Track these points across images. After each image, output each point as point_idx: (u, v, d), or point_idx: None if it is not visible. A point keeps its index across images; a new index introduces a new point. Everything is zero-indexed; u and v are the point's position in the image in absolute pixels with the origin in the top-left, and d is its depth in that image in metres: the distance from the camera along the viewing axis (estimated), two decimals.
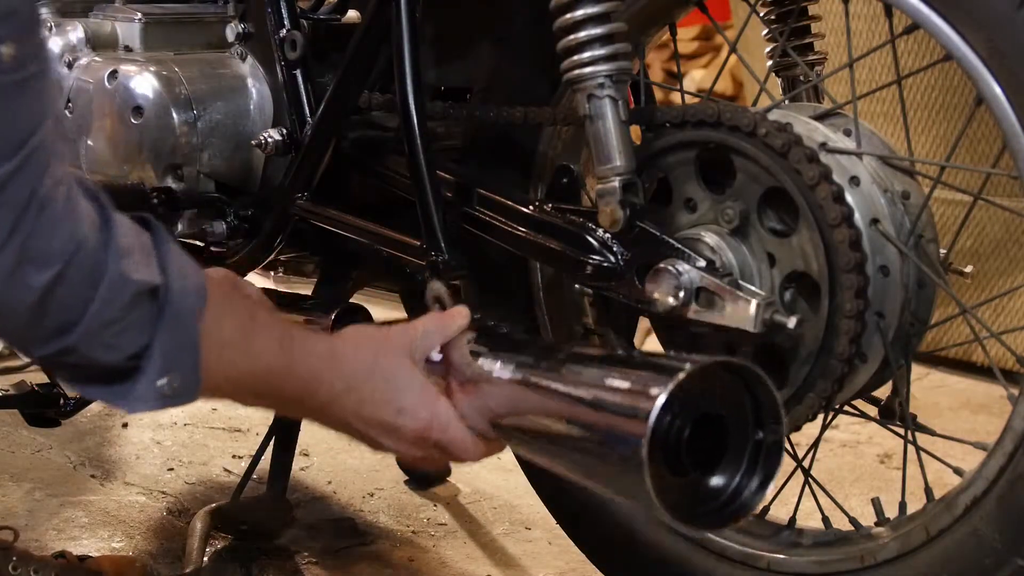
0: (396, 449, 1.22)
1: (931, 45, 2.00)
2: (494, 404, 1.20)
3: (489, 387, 1.20)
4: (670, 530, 1.56)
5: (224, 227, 1.75)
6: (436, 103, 1.60)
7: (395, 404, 1.18)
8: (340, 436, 1.24)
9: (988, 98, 1.24)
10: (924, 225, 1.36)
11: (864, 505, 1.51)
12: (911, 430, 1.41)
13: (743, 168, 1.36)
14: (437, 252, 1.50)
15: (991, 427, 2.40)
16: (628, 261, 1.40)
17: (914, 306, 1.35)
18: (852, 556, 1.40)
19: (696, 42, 4.75)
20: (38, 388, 1.95)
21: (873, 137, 1.39)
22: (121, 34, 1.85)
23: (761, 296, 1.31)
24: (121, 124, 1.75)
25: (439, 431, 1.19)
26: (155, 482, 2.16)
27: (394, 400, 1.18)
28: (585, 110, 1.39)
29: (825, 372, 1.31)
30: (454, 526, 2.03)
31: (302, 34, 1.70)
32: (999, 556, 1.27)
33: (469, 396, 1.20)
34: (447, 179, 1.56)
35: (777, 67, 1.58)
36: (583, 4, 1.37)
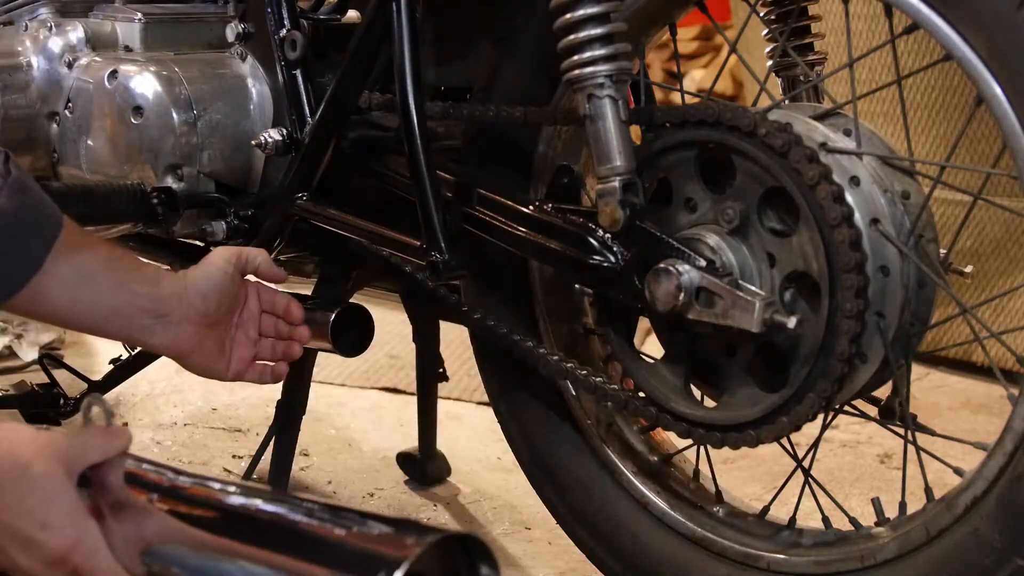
0: (28, 568, 1.06)
1: (931, 45, 2.00)
2: (150, 535, 1.09)
3: (145, 517, 1.10)
4: (670, 530, 1.56)
5: (224, 227, 1.75)
6: (436, 103, 1.60)
7: (39, 517, 1.04)
8: (341, 436, 1.23)
9: (988, 98, 1.24)
10: (924, 225, 1.36)
11: (864, 505, 1.51)
12: (911, 430, 1.41)
13: (743, 168, 1.36)
14: (437, 252, 1.50)
15: (991, 427, 2.40)
16: (628, 261, 1.40)
17: (914, 306, 1.35)
18: (852, 556, 1.40)
19: (696, 42, 4.76)
20: (38, 388, 1.95)
21: (873, 137, 1.39)
22: (121, 34, 1.85)
23: (761, 296, 1.31)
24: (121, 124, 1.75)
25: (83, 556, 1.05)
26: None
27: (39, 512, 1.04)
28: (585, 110, 1.39)
29: (825, 372, 1.31)
30: (454, 526, 2.03)
31: (302, 34, 1.70)
32: (999, 556, 1.28)
33: (122, 524, 1.09)
34: (447, 179, 1.56)
35: (777, 67, 1.58)
36: (583, 4, 1.37)
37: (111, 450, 1.09)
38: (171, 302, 1.39)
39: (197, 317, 1.41)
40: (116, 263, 1.38)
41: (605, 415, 1.63)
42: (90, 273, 1.36)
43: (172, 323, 1.40)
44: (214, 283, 1.42)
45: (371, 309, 1.70)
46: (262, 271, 1.47)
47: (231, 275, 1.43)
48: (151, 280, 1.40)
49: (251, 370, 1.49)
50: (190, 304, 1.40)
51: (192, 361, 1.44)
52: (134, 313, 1.38)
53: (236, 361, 1.47)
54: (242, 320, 1.47)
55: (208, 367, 1.45)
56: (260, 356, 1.49)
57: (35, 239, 1.32)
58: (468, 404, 2.57)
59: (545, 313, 1.65)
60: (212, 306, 1.41)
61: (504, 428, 1.73)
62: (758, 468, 2.21)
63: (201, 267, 1.44)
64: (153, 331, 1.39)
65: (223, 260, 1.44)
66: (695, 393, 1.47)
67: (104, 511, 1.09)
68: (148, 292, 1.38)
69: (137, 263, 1.42)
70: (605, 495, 1.62)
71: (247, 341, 1.47)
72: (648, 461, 1.62)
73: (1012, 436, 1.27)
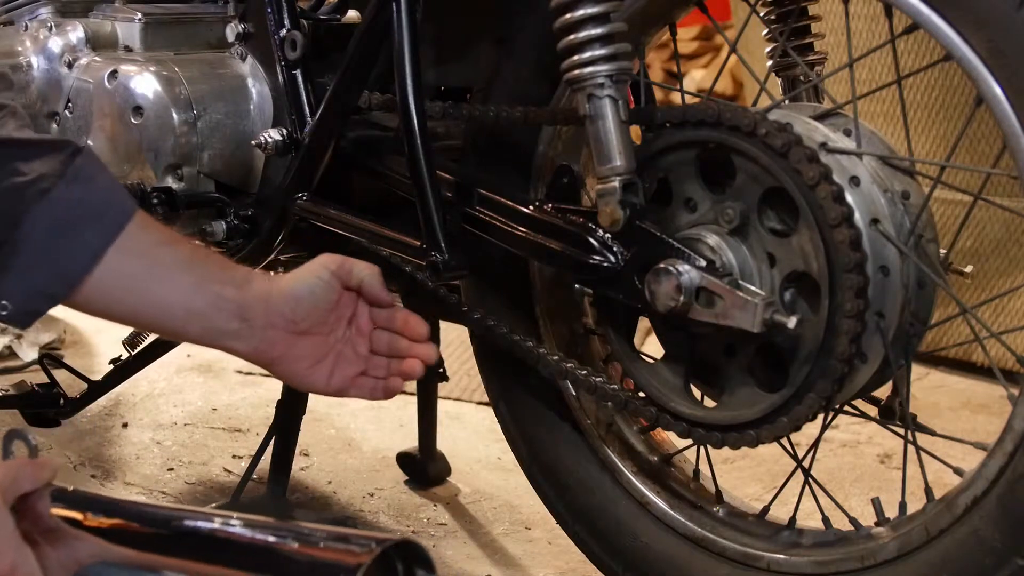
0: None
1: (931, 45, 2.00)
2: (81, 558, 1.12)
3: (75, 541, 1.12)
4: (670, 530, 1.56)
5: (224, 227, 1.75)
6: (436, 103, 1.60)
7: None
8: (340, 436, 1.23)
9: (988, 98, 1.24)
10: (924, 225, 1.36)
11: (864, 505, 1.51)
12: (911, 430, 1.41)
13: (743, 168, 1.36)
14: (437, 252, 1.50)
15: (991, 427, 2.40)
16: (628, 261, 1.40)
17: (914, 306, 1.35)
18: (852, 556, 1.40)
19: (696, 42, 4.76)
20: (38, 388, 1.95)
21: (873, 137, 1.39)
22: (121, 34, 1.85)
23: (761, 296, 1.31)
24: (121, 124, 1.75)
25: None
26: (155, 482, 2.16)
27: None
28: (585, 110, 1.39)
29: (825, 372, 1.31)
30: (454, 526, 2.03)
31: (302, 34, 1.70)
32: (999, 556, 1.28)
33: (54, 549, 1.11)
34: (447, 179, 1.56)
35: (777, 67, 1.58)
36: (583, 4, 1.37)
37: (39, 480, 1.10)
38: (257, 306, 1.32)
39: (283, 323, 1.33)
40: (198, 262, 1.32)
41: (605, 415, 1.63)
42: (167, 270, 1.31)
43: (256, 328, 1.33)
44: (306, 289, 1.35)
45: None
46: (366, 287, 1.38)
47: (327, 283, 1.35)
48: (237, 282, 1.33)
49: (356, 386, 1.40)
50: (276, 309, 1.33)
51: (282, 369, 1.37)
52: (217, 315, 1.31)
53: (339, 377, 1.39)
54: (350, 335, 1.39)
55: (302, 377, 1.38)
56: (373, 373, 1.41)
57: (94, 231, 1.27)
58: (468, 404, 2.57)
59: (545, 313, 1.65)
60: (303, 313, 1.34)
61: (504, 428, 1.73)
62: (758, 468, 2.21)
63: (298, 271, 1.37)
64: (238, 335, 1.33)
65: (322, 267, 1.36)
66: (695, 393, 1.47)
67: (36, 538, 1.11)
68: (233, 294, 1.32)
69: (223, 263, 1.36)
70: (605, 495, 1.62)
71: (355, 357, 1.39)
72: (648, 461, 1.62)
73: (1012, 436, 1.27)
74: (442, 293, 1.59)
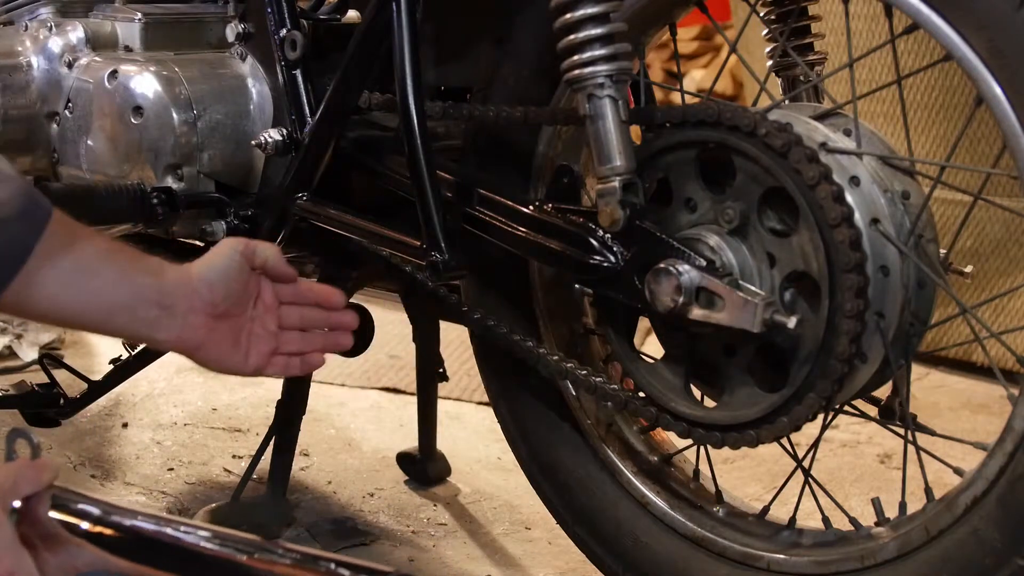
0: None
1: (931, 45, 2.00)
2: (79, 565, 1.12)
3: (74, 547, 1.12)
4: (670, 530, 1.56)
5: (224, 227, 1.75)
6: (436, 103, 1.60)
7: None
8: (341, 436, 1.23)
9: (988, 98, 1.24)
10: (924, 225, 1.36)
11: (864, 505, 1.51)
12: (911, 430, 1.41)
13: (743, 168, 1.36)
14: (437, 252, 1.50)
15: (991, 427, 2.40)
16: (628, 261, 1.40)
17: (914, 306, 1.35)
18: (852, 556, 1.40)
19: (696, 42, 4.76)
20: (38, 388, 1.95)
21: (873, 137, 1.39)
22: (121, 34, 1.85)
23: (761, 296, 1.31)
24: (121, 124, 1.75)
25: None
26: (155, 482, 2.16)
27: None
28: (585, 110, 1.39)
29: (825, 372, 1.31)
30: (454, 526, 2.03)
31: (302, 34, 1.70)
32: (999, 556, 1.28)
33: (52, 554, 1.11)
34: (447, 179, 1.56)
35: (777, 67, 1.58)
36: (583, 4, 1.37)
37: (40, 483, 1.10)
38: (177, 292, 1.33)
39: (204, 307, 1.35)
40: (116, 254, 1.33)
41: (605, 415, 1.63)
42: (89, 265, 1.30)
43: (178, 314, 1.33)
44: (220, 272, 1.36)
45: (371, 309, 1.70)
46: (270, 266, 1.41)
47: (238, 263, 1.37)
48: (155, 270, 1.34)
49: (272, 364, 1.42)
50: (196, 293, 1.34)
51: (204, 356, 1.38)
52: (139, 305, 1.32)
53: (255, 356, 1.41)
54: (257, 313, 1.41)
55: (222, 361, 1.40)
56: (285, 349, 1.43)
57: (21, 228, 1.26)
58: (468, 404, 2.57)
59: (545, 313, 1.65)
60: (220, 295, 1.36)
61: (504, 428, 1.73)
62: (758, 468, 2.21)
63: (207, 257, 1.38)
64: (160, 324, 1.33)
65: (229, 249, 1.38)
66: (695, 393, 1.47)
67: (34, 541, 1.11)
68: (152, 283, 1.32)
69: (138, 254, 1.36)
70: (605, 495, 1.62)
71: (266, 334, 1.41)
72: (648, 461, 1.62)
73: (1012, 436, 1.27)
74: (442, 293, 1.59)
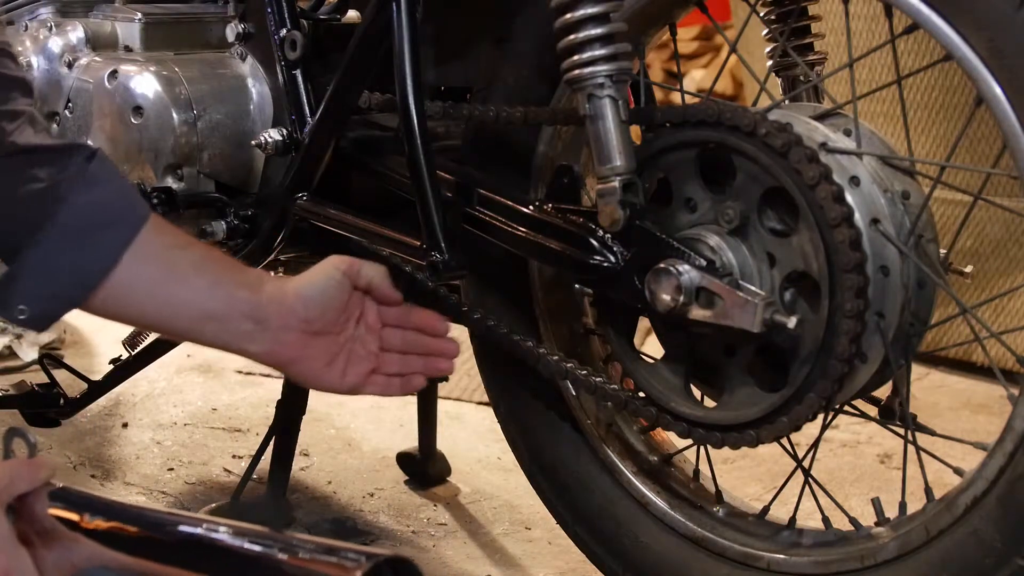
0: None
1: (931, 45, 2.00)
2: (77, 561, 1.13)
3: (71, 543, 1.13)
4: (670, 530, 1.56)
5: (224, 227, 1.75)
6: (436, 103, 1.60)
7: None
8: (341, 436, 1.23)
9: (988, 98, 1.24)
10: (924, 225, 1.36)
11: (864, 505, 1.51)
12: (911, 430, 1.41)
13: (743, 168, 1.36)
14: (437, 252, 1.50)
15: (991, 427, 2.40)
16: (628, 261, 1.40)
17: (914, 306, 1.35)
18: (852, 556, 1.40)
19: (696, 42, 4.76)
20: (38, 388, 1.95)
21: (873, 137, 1.39)
22: (121, 34, 1.85)
23: (761, 296, 1.31)
24: (121, 124, 1.75)
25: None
26: (155, 482, 2.16)
27: None
28: (585, 110, 1.39)
29: (825, 372, 1.31)
30: (454, 526, 2.03)
31: (302, 34, 1.70)
32: (999, 556, 1.28)
33: (50, 551, 1.12)
34: (447, 179, 1.56)
35: (777, 67, 1.58)
36: (583, 4, 1.37)
37: (36, 480, 1.11)
38: (271, 307, 1.33)
39: (299, 324, 1.34)
40: (212, 264, 1.34)
41: (605, 415, 1.63)
42: (182, 273, 1.32)
43: (271, 329, 1.33)
44: (319, 290, 1.36)
45: None
46: (374, 286, 1.40)
47: (339, 282, 1.37)
48: (251, 284, 1.34)
49: (370, 383, 1.42)
50: (291, 310, 1.34)
51: (297, 370, 1.38)
52: (232, 317, 1.32)
53: (352, 374, 1.40)
54: (360, 334, 1.41)
55: (316, 378, 1.39)
56: (384, 370, 1.43)
57: (110, 235, 1.29)
58: (468, 404, 2.57)
59: (545, 313, 1.65)
60: (315, 313, 1.35)
61: (504, 428, 1.73)
62: (758, 468, 2.21)
63: (308, 273, 1.38)
64: (252, 337, 1.33)
65: (332, 267, 1.38)
66: (695, 393, 1.47)
67: (32, 539, 1.11)
68: (247, 296, 1.33)
69: (236, 266, 1.37)
70: (605, 495, 1.62)
71: (366, 355, 1.41)
72: (648, 461, 1.62)
73: (1012, 436, 1.27)
74: (442, 293, 1.59)
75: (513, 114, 1.53)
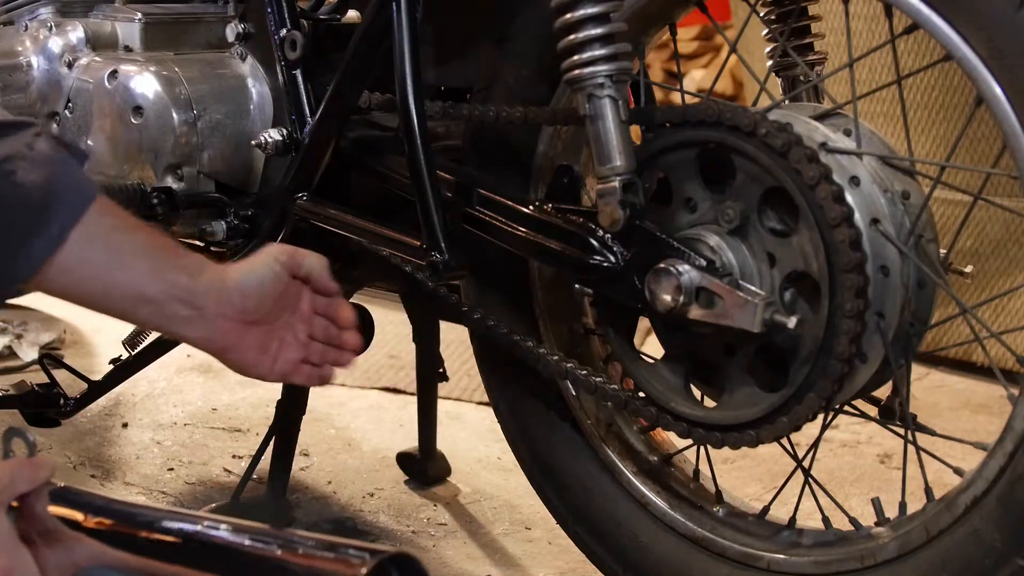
0: None
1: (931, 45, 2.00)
2: (79, 560, 1.12)
3: (73, 543, 1.12)
4: (670, 530, 1.56)
5: (224, 227, 1.75)
6: (436, 103, 1.60)
7: None
8: (341, 436, 1.23)
9: (988, 98, 1.24)
10: (924, 225, 1.36)
11: (864, 505, 1.51)
12: (911, 430, 1.41)
13: (743, 168, 1.36)
14: (437, 252, 1.50)
15: (991, 427, 2.40)
16: (628, 261, 1.40)
17: (914, 306, 1.35)
18: (852, 556, 1.40)
19: (696, 42, 4.76)
20: (38, 388, 1.95)
21: (873, 137, 1.39)
22: (121, 34, 1.85)
23: (761, 296, 1.31)
24: (121, 124, 1.75)
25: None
26: (155, 482, 2.16)
27: None
28: (585, 110, 1.39)
29: (825, 372, 1.31)
30: (454, 526, 2.03)
31: (302, 34, 1.70)
32: (999, 556, 1.28)
33: (52, 550, 1.12)
34: (447, 179, 1.56)
35: (777, 67, 1.58)
36: (583, 4, 1.37)
37: (37, 480, 1.10)
38: (208, 295, 1.34)
39: (234, 313, 1.35)
40: (154, 249, 1.33)
41: (605, 415, 1.63)
42: (124, 256, 1.31)
43: (208, 317, 1.34)
44: (257, 280, 1.36)
45: (371, 309, 1.70)
46: (314, 278, 1.41)
47: (278, 274, 1.38)
48: (191, 270, 1.34)
49: (298, 372, 1.43)
50: (228, 299, 1.34)
51: (230, 358, 1.38)
52: (168, 302, 1.32)
53: (282, 362, 1.41)
54: (293, 321, 1.41)
55: (248, 366, 1.40)
56: (310, 359, 1.44)
57: (58, 214, 1.26)
58: (468, 404, 2.57)
59: (545, 313, 1.65)
60: (252, 303, 1.36)
61: (504, 428, 1.73)
62: (758, 468, 2.21)
63: (247, 262, 1.39)
64: (188, 322, 1.34)
65: (272, 258, 1.39)
66: (695, 393, 1.47)
67: (33, 538, 1.11)
68: (186, 282, 1.33)
69: (178, 250, 1.36)
70: (605, 495, 1.62)
71: (296, 343, 1.41)
72: (648, 461, 1.62)
73: (1012, 436, 1.27)
74: (442, 293, 1.59)
75: (513, 114, 1.53)
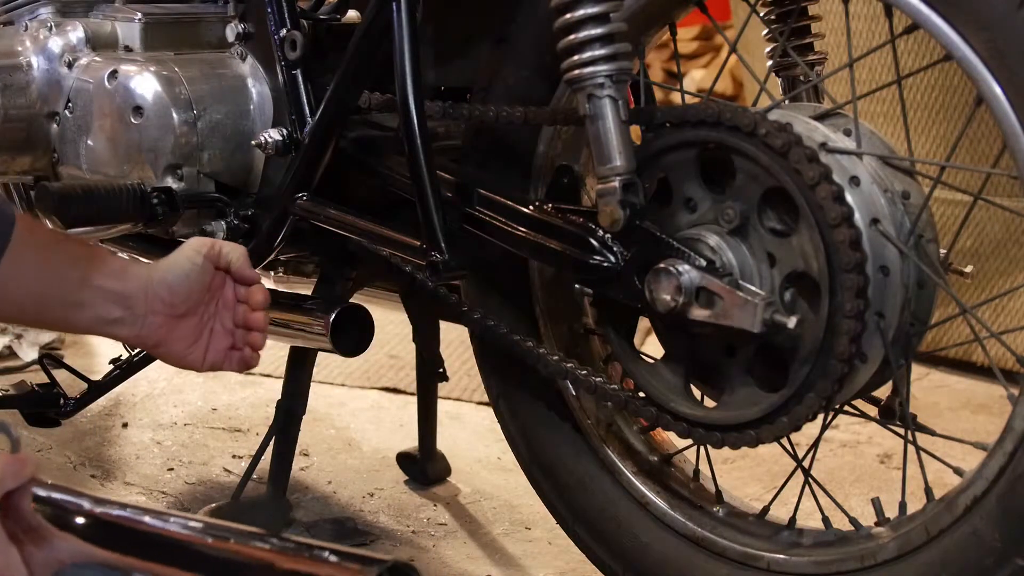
0: None
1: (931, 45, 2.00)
2: (64, 558, 1.12)
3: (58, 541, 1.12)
4: (670, 530, 1.56)
5: (224, 227, 1.75)
6: (436, 103, 1.60)
7: None
8: (341, 436, 1.23)
9: (988, 98, 1.24)
10: (924, 225, 1.36)
11: (864, 505, 1.51)
12: (911, 430, 1.41)
13: (743, 168, 1.36)
14: (437, 252, 1.50)
15: (991, 427, 2.40)
16: (628, 261, 1.40)
17: (914, 306, 1.35)
18: (852, 556, 1.40)
19: (696, 42, 4.76)
20: (38, 388, 1.95)
21: (873, 137, 1.39)
22: (121, 34, 1.85)
23: (761, 296, 1.31)
24: (121, 124, 1.75)
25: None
26: (155, 482, 2.16)
27: None
28: (585, 110, 1.39)
29: (825, 372, 1.31)
30: (454, 526, 2.03)
31: (302, 34, 1.70)
32: (999, 556, 1.28)
33: (38, 548, 1.11)
34: (447, 179, 1.56)
35: (777, 67, 1.59)
36: (583, 4, 1.37)
37: (21, 477, 1.10)
38: (138, 294, 1.40)
39: (163, 308, 1.41)
40: (81, 259, 1.38)
41: (605, 415, 1.63)
42: (55, 269, 1.36)
43: (138, 315, 1.40)
44: (182, 274, 1.42)
45: (371, 309, 1.70)
46: (235, 268, 1.46)
47: (200, 266, 1.42)
48: (117, 274, 1.39)
49: (228, 359, 1.48)
50: (156, 296, 1.40)
51: (163, 352, 1.44)
52: (101, 307, 1.38)
53: (212, 352, 1.46)
54: (218, 310, 1.46)
55: (181, 357, 1.45)
56: (236, 346, 1.48)
57: None
58: (468, 404, 2.57)
59: (545, 313, 1.65)
60: (179, 298, 1.41)
61: (504, 428, 1.73)
62: (758, 468, 2.21)
63: (170, 258, 1.44)
64: (121, 322, 1.40)
65: (193, 251, 1.43)
66: (695, 393, 1.47)
67: (19, 536, 1.10)
68: (115, 285, 1.39)
69: (103, 257, 1.42)
70: (605, 495, 1.62)
71: (223, 332, 1.46)
72: (648, 461, 1.62)
73: (1012, 436, 1.27)
74: (442, 293, 1.59)
75: (513, 114, 1.53)
